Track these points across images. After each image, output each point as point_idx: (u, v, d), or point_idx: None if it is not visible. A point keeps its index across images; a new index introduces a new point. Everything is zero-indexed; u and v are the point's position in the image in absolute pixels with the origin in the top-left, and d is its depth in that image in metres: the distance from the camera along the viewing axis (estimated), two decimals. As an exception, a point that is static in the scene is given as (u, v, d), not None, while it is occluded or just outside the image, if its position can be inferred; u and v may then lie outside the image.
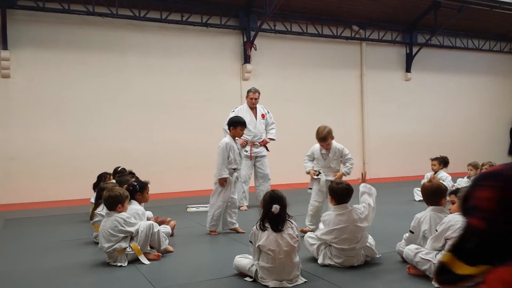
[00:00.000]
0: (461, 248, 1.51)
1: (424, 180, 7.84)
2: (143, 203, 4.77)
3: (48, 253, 4.64)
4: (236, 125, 5.42)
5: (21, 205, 8.14)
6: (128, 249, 4.04)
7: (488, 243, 1.44)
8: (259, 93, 7.35)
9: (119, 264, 3.99)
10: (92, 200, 5.94)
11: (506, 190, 1.42)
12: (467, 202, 1.55)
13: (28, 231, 5.84)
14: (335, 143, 5.23)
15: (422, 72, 12.69)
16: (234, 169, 5.43)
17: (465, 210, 1.56)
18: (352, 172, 5.25)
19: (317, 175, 5.21)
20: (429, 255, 3.40)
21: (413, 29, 12.31)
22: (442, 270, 1.54)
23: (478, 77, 13.65)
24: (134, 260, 4.08)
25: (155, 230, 4.16)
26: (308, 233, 4.23)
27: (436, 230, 3.41)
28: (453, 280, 1.50)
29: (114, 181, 5.72)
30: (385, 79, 12.23)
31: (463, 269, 1.47)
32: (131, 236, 4.10)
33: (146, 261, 4.02)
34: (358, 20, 11.54)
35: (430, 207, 3.72)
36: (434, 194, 3.75)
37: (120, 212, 4.12)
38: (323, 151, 5.23)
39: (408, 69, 12.50)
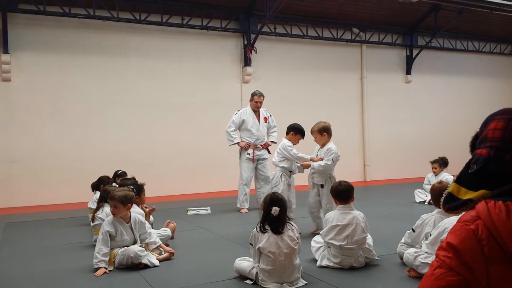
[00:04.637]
0: (465, 174, 1.64)
1: (426, 182, 7.87)
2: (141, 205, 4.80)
3: (49, 257, 4.64)
4: (298, 132, 5.43)
5: (22, 209, 8.14)
6: (119, 251, 4.06)
7: (489, 169, 1.56)
8: (263, 97, 7.37)
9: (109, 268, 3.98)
10: (90, 205, 5.95)
11: (510, 121, 1.55)
12: (477, 139, 1.71)
13: (29, 235, 5.85)
14: (330, 144, 5.21)
15: (423, 75, 12.70)
16: (291, 171, 5.44)
17: (474, 146, 1.72)
18: (352, 173, 5.25)
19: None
20: (428, 258, 3.39)
21: (414, 31, 12.32)
22: (448, 199, 1.66)
23: (478, 79, 13.66)
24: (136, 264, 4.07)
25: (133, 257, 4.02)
26: (315, 237, 4.21)
27: (430, 235, 3.41)
28: (456, 206, 1.62)
29: (115, 184, 5.72)
30: (385, 81, 12.24)
31: (465, 194, 1.59)
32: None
33: (109, 268, 3.99)
34: (358, 22, 11.56)
35: (437, 209, 3.70)
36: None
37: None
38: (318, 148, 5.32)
39: (408, 72, 12.51)
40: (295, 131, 5.43)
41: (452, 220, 3.25)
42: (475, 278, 1.44)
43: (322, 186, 5.20)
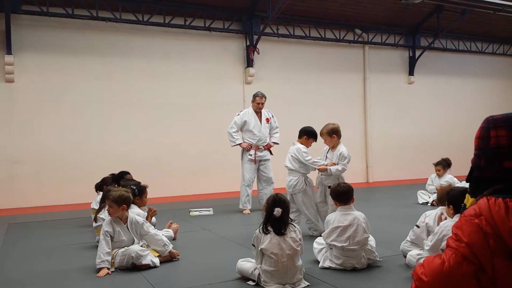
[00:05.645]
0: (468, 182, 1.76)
1: (429, 183, 7.85)
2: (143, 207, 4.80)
3: (51, 257, 4.64)
4: (311, 136, 5.41)
5: (24, 209, 8.16)
6: (119, 252, 4.06)
7: (474, 176, 1.67)
8: (265, 98, 7.36)
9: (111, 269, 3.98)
10: (93, 206, 5.94)
11: (484, 129, 1.65)
12: None
13: (32, 235, 5.85)
14: (340, 147, 5.21)
15: (425, 75, 12.68)
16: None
17: None
18: (355, 174, 5.24)
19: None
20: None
21: (416, 32, 12.31)
22: (463, 208, 1.77)
23: (481, 80, 13.63)
24: (137, 265, 4.06)
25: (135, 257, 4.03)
26: (317, 238, 4.21)
27: (427, 238, 3.40)
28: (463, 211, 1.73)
29: (116, 186, 5.71)
30: (388, 82, 12.23)
31: (467, 201, 1.70)
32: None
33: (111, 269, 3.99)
34: (361, 23, 11.55)
35: (440, 207, 3.68)
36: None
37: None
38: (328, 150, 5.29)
39: (411, 72, 12.49)
40: (308, 135, 5.41)
41: (449, 226, 3.23)
42: (483, 269, 1.47)
43: (329, 187, 5.22)
